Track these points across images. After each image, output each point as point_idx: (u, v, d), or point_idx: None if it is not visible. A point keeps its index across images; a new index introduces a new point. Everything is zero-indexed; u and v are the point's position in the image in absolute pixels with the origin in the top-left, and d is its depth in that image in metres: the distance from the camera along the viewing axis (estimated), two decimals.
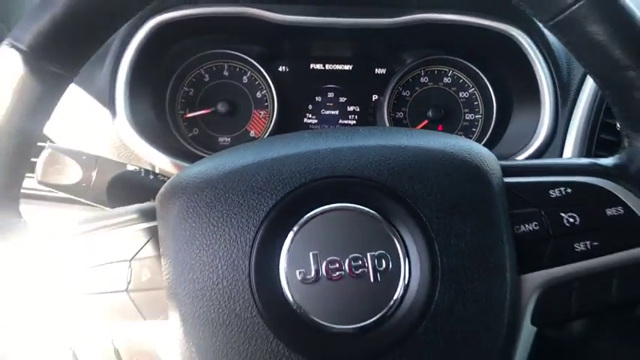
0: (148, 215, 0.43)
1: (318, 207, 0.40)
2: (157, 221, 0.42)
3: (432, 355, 0.39)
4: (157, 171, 0.64)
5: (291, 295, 0.39)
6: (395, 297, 0.39)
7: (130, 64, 0.72)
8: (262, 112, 0.85)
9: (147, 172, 0.60)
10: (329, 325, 0.39)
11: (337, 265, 0.39)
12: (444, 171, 0.42)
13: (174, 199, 0.42)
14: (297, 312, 0.39)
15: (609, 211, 0.43)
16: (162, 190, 0.44)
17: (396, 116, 0.84)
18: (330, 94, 0.86)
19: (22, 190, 0.43)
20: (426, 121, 0.84)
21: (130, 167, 0.59)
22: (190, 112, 0.84)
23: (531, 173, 0.44)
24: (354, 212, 0.40)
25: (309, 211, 0.40)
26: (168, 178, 0.63)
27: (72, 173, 0.55)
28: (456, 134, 0.76)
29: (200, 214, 0.41)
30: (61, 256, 0.41)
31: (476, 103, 0.85)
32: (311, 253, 0.40)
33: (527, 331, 0.42)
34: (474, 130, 0.85)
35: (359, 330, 0.39)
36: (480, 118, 0.85)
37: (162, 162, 0.68)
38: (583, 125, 0.68)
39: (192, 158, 0.72)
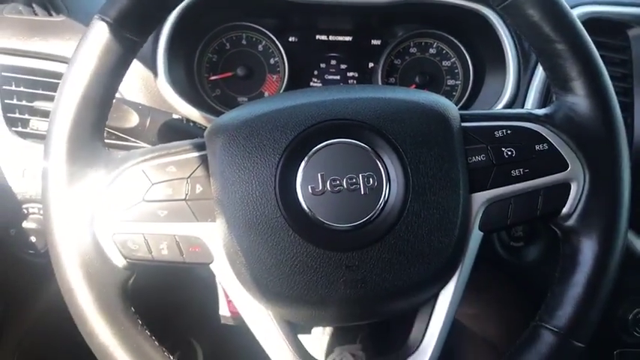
0: (199, 147, 0.58)
1: (325, 141, 0.55)
2: (207, 150, 0.57)
3: (405, 247, 0.54)
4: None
5: (305, 203, 0.54)
6: (379, 205, 0.54)
7: (168, 35, 0.85)
8: (275, 76, 0.99)
9: (187, 120, 0.75)
10: (331, 224, 0.54)
11: (338, 182, 0.54)
12: (416, 116, 0.56)
13: (219, 134, 0.56)
14: (309, 215, 0.54)
15: (537, 147, 0.58)
16: (209, 128, 0.58)
17: (389, 81, 0.97)
18: (333, 62, 0.98)
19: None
20: (413, 86, 0.97)
21: (175, 116, 0.74)
22: (214, 75, 0.98)
23: (482, 119, 0.59)
24: (351, 145, 0.55)
25: (318, 144, 0.54)
26: (203, 126, 0.78)
27: (131, 119, 0.70)
28: None
29: (238, 145, 0.55)
30: (137, 175, 0.56)
31: (456, 70, 0.99)
32: (319, 174, 0.54)
33: (476, 236, 0.57)
34: (454, 93, 0.98)
35: (353, 227, 0.54)
36: (460, 83, 0.98)
37: (194, 115, 0.83)
38: (540, 87, 0.84)
39: (216, 113, 0.86)
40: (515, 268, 0.88)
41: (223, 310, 0.89)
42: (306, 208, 0.53)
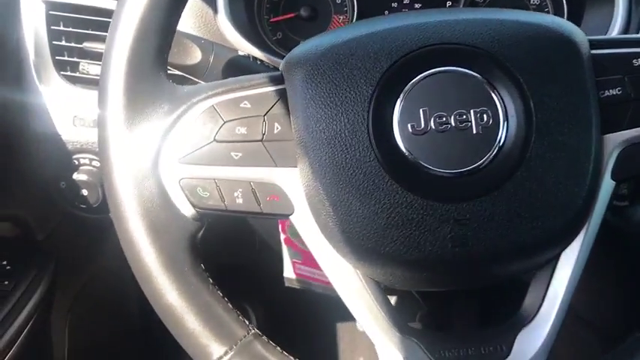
0: (276, 80, 0.50)
1: (428, 70, 0.46)
2: (285, 84, 0.49)
3: (526, 198, 0.45)
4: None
5: (403, 144, 0.46)
6: (494, 147, 0.45)
7: None
8: (341, 17, 0.90)
9: (254, 58, 0.67)
10: (436, 169, 0.45)
11: (444, 119, 0.46)
12: (538, 40, 0.47)
13: (299, 65, 0.48)
14: (409, 158, 0.46)
15: None
16: (287, 58, 0.50)
17: None
18: (406, 0, 0.89)
19: None
20: None
21: (240, 53, 0.66)
22: (275, 16, 0.90)
23: (616, 45, 0.49)
24: (460, 75, 0.46)
25: (419, 74, 0.46)
26: (272, 65, 0.70)
27: (193, 54, 0.62)
28: None
29: (324, 75, 0.47)
30: (207, 111, 0.49)
31: (546, 9, 0.88)
32: (421, 109, 0.46)
33: (607, 185, 0.48)
34: None
35: (463, 174, 0.45)
36: None
37: (257, 55, 0.75)
38: None
39: (280, 58, 0.78)
40: (619, 233, 0.78)
41: (288, 272, 0.83)
42: (405, 150, 0.46)
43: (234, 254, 1.09)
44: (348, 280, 0.49)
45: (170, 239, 0.47)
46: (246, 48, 0.75)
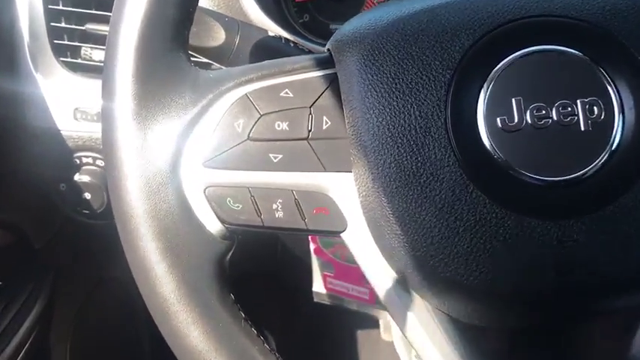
0: (323, 63, 0.40)
1: (521, 49, 0.37)
2: (336, 68, 0.39)
3: None
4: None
5: (492, 144, 0.36)
6: (608, 146, 0.35)
7: None
8: None
9: (287, 40, 0.57)
10: (533, 176, 0.36)
11: (543, 112, 0.36)
12: None
13: (356, 43, 0.38)
14: (498, 161, 0.36)
15: None
16: (337, 36, 0.40)
17: None
18: None
19: None
20: None
21: (270, 34, 0.56)
22: None
23: None
24: (562, 55, 0.36)
25: (510, 54, 0.36)
26: (307, 49, 0.60)
27: (215, 35, 0.52)
28: None
29: (388, 56, 0.37)
30: (239, 101, 0.39)
31: None
32: (513, 99, 0.36)
33: None
34: None
35: (568, 182, 0.35)
36: None
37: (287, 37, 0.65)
38: None
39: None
40: None
41: (318, 286, 0.73)
42: (493, 151, 0.36)
43: (250, 261, 0.99)
44: (414, 314, 0.39)
45: (193, 264, 0.38)
46: (273, 28, 0.65)
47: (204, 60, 0.55)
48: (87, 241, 0.77)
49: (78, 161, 0.73)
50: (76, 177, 0.73)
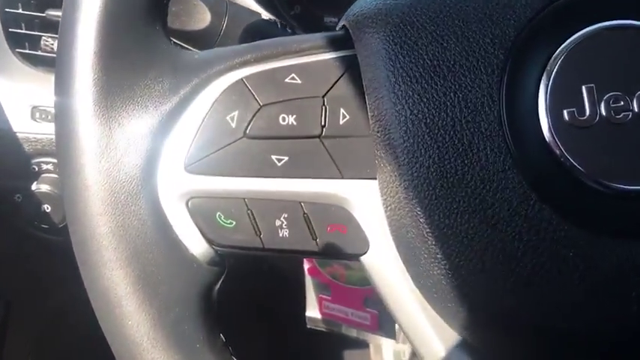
0: (339, 42, 0.32)
1: (592, 24, 0.29)
2: (356, 48, 0.31)
3: None
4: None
5: (558, 143, 0.28)
6: None
7: None
8: None
9: (283, 24, 0.48)
10: (613, 184, 0.28)
11: (622, 103, 0.28)
12: None
13: (381, 17, 0.31)
14: (567, 165, 0.28)
15: None
16: (354, 9, 0.33)
17: None
18: None
19: None
20: None
21: (264, 16, 0.48)
22: None
23: None
24: None
25: (579, 30, 0.29)
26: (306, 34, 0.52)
27: (200, 17, 0.44)
28: None
29: (423, 33, 0.30)
30: (232, 88, 0.31)
31: None
32: (584, 87, 0.29)
33: None
34: None
35: None
36: None
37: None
38: None
39: None
40: None
41: (312, 311, 0.65)
42: (559, 152, 0.28)
43: (232, 280, 0.90)
44: (452, 354, 0.31)
45: (172, 298, 0.30)
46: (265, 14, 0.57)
47: (186, 45, 0.46)
48: (46, 261, 0.68)
49: (36, 168, 0.65)
50: (34, 186, 0.64)
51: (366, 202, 0.31)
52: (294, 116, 0.30)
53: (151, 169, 0.29)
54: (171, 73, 0.30)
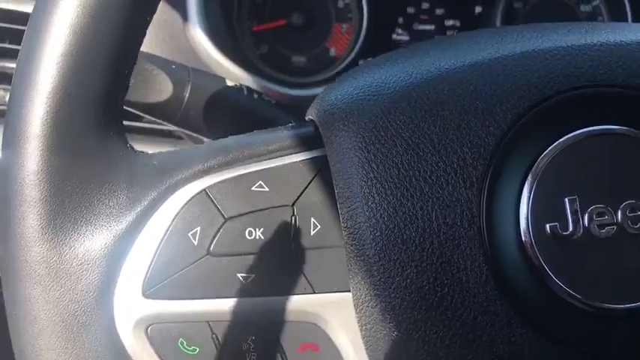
0: (307, 141, 0.30)
1: (574, 130, 0.28)
2: (327, 149, 0.29)
3: None
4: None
5: (541, 260, 0.27)
6: None
7: None
8: (345, 26, 0.71)
9: (250, 90, 0.46)
10: (597, 304, 0.27)
11: (606, 217, 0.27)
12: None
13: (353, 119, 0.29)
14: (550, 284, 0.27)
15: None
16: (323, 105, 0.30)
17: None
18: (425, 5, 0.72)
19: None
20: None
21: (229, 83, 0.45)
22: (259, 24, 0.69)
23: None
24: (631, 140, 0.28)
25: (559, 137, 0.28)
26: (275, 100, 0.49)
27: (161, 87, 0.41)
28: None
29: (398, 140, 0.28)
30: (195, 201, 0.28)
31: (600, 18, 0.71)
32: (567, 199, 0.27)
33: None
34: None
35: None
36: None
37: (245, 83, 0.55)
38: None
39: (272, 81, 0.59)
40: None
41: None
42: (541, 268, 0.27)
43: None
44: None
45: None
46: (228, 68, 0.55)
47: (145, 115, 0.43)
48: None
49: None
50: None
51: (340, 318, 0.29)
52: (262, 229, 0.28)
53: (107, 296, 0.27)
54: (127, 186, 0.28)
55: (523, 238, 0.27)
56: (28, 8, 0.58)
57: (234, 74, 0.57)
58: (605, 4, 0.71)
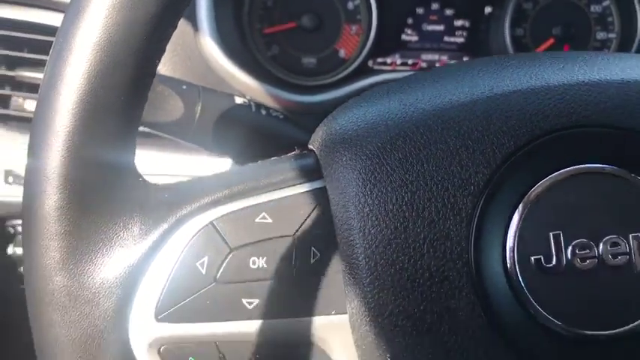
0: (308, 172, 0.32)
1: (560, 169, 0.29)
2: (326, 180, 0.31)
3: None
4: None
5: (524, 288, 0.29)
6: None
7: None
8: (354, 27, 0.72)
9: (258, 106, 0.47)
10: (580, 330, 0.29)
11: (588, 251, 0.28)
12: None
13: (352, 157, 0.30)
14: (534, 314, 0.29)
15: None
16: (325, 135, 0.32)
17: (515, 33, 0.71)
18: (435, 6, 0.73)
19: None
20: (551, 40, 0.71)
21: (238, 100, 0.47)
22: (270, 26, 0.71)
23: None
24: (612, 178, 0.30)
25: (545, 176, 0.29)
26: (282, 114, 0.51)
27: (172, 108, 0.43)
28: None
29: (392, 178, 0.30)
30: (202, 233, 0.30)
31: (610, 19, 0.71)
32: (551, 234, 0.29)
33: None
34: (606, 51, 0.72)
35: (623, 336, 0.29)
36: (615, 37, 0.72)
37: (254, 91, 0.56)
38: None
39: (283, 85, 0.60)
40: None
41: None
42: (524, 294, 0.29)
43: None
44: None
45: None
46: (240, 82, 0.56)
47: (156, 133, 0.45)
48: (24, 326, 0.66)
49: (12, 230, 0.63)
50: (10, 249, 0.63)
51: (339, 338, 0.31)
52: (265, 258, 0.30)
53: (122, 320, 0.29)
54: (139, 219, 0.30)
55: (509, 270, 0.29)
56: (48, 20, 0.61)
57: (244, 83, 0.58)
58: (616, 4, 0.71)
